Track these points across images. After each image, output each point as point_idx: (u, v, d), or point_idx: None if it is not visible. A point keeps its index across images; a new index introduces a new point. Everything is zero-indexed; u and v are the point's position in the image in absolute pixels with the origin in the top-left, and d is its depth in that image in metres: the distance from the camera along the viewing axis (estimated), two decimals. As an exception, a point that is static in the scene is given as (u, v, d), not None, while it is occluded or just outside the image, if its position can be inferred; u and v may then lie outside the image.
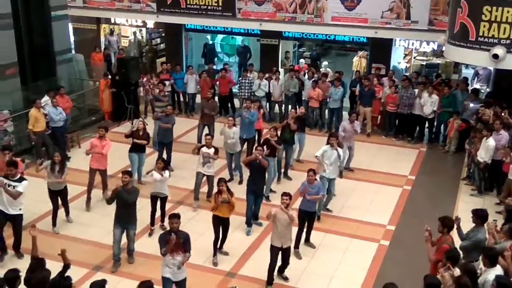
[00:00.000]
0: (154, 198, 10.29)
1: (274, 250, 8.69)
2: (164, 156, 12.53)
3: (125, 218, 9.15)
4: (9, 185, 9.11)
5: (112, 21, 20.74)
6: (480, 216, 7.86)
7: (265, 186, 11.28)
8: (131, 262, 9.48)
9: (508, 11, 12.02)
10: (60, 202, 10.55)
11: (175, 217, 7.85)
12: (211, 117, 14.15)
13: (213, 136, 12.54)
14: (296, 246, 9.71)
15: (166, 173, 10.13)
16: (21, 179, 9.28)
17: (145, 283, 6.57)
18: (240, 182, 12.24)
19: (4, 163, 9.54)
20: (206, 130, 13.88)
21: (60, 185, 10.35)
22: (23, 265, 7.33)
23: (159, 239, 7.80)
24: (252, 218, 10.63)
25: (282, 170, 12.71)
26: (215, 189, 9.71)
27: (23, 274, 6.64)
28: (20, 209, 9.38)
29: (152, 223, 10.40)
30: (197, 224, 10.52)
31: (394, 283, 6.31)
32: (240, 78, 16.74)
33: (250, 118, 12.86)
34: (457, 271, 6.71)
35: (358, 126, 12.77)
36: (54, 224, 10.54)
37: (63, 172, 10.28)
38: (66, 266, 6.99)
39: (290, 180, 12.56)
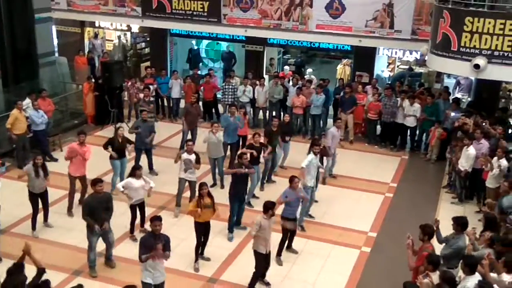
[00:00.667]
0: (134, 206, 10.23)
1: (260, 256, 8.67)
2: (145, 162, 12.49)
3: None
4: None
5: (97, 24, 20.66)
6: (460, 223, 7.97)
7: (249, 194, 11.37)
8: (113, 266, 9.40)
9: (489, 22, 12.21)
10: (40, 205, 10.43)
11: (158, 219, 7.82)
12: (194, 121, 14.10)
13: (195, 141, 12.51)
14: (279, 253, 9.71)
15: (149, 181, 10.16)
16: None
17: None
18: (222, 187, 12.23)
19: None
20: (189, 136, 13.86)
21: (42, 188, 10.25)
22: (1, 269, 7.23)
23: (140, 243, 7.75)
24: (235, 224, 10.61)
25: (266, 176, 12.72)
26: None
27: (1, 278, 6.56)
28: None
29: (132, 230, 10.32)
30: (179, 229, 10.46)
31: None
32: (224, 84, 16.76)
33: (236, 123, 12.87)
34: (435, 277, 6.78)
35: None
36: (33, 227, 10.43)
37: (47, 173, 10.21)
38: (41, 271, 6.85)
39: (274, 182, 12.57)
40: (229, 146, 13.00)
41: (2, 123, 14.01)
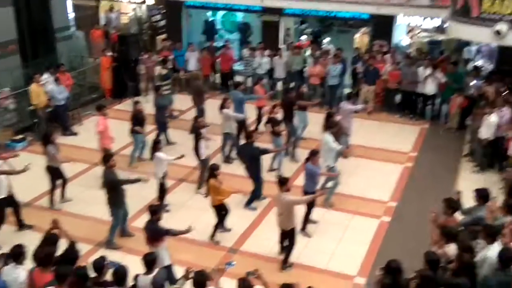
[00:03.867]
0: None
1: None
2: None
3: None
4: None
5: (112, -3, 20.57)
6: (482, 195, 7.88)
7: (277, 162, 11.57)
8: (133, 235, 9.59)
9: (512, -13, 11.87)
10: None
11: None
12: (197, 97, 14.02)
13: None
14: (304, 227, 9.74)
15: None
16: None
17: (150, 254, 6.70)
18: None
19: None
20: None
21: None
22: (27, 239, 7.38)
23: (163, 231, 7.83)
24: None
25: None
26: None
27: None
28: None
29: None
30: (200, 201, 10.56)
31: (397, 260, 6.35)
32: (246, 55, 16.58)
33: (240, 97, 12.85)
34: (451, 248, 6.77)
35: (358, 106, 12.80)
36: (61, 197, 10.70)
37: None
38: (72, 243, 7.04)
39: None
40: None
41: (23, 98, 14.17)
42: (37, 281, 6.41)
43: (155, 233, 7.72)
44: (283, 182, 8.50)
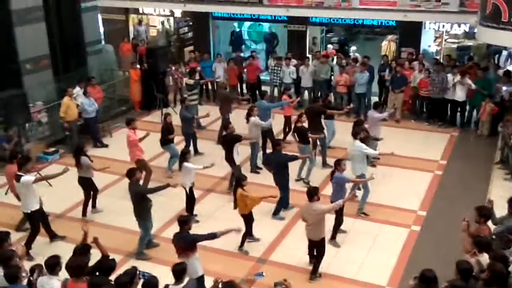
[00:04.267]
0: (191, 188, 10.42)
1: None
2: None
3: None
4: None
5: (140, 11, 20.94)
6: None
7: (306, 172, 11.65)
8: (158, 245, 9.73)
9: (542, -10, 11.67)
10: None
11: None
12: (224, 107, 14.10)
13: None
14: (333, 237, 9.72)
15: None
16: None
17: (179, 264, 6.75)
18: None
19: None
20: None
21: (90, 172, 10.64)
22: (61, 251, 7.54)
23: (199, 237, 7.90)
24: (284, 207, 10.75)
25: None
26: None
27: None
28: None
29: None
30: (228, 211, 10.59)
31: (432, 269, 6.25)
32: (272, 65, 16.69)
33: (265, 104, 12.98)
34: (484, 257, 6.66)
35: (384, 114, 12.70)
36: (92, 207, 10.93)
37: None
38: (105, 257, 7.17)
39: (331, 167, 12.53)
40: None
41: (55, 112, 14.51)
42: (71, 292, 6.52)
43: (187, 243, 7.73)
44: (313, 193, 8.44)
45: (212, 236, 7.88)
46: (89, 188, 10.78)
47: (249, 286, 6.61)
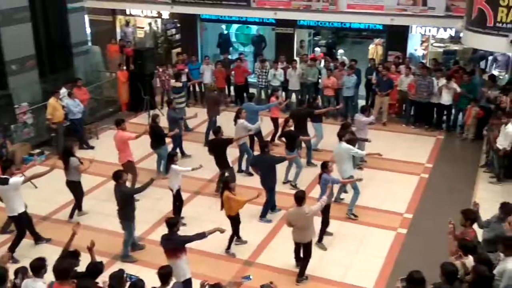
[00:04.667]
0: (179, 191, 10.36)
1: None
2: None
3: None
4: None
5: (128, 12, 20.82)
6: (506, 210, 7.74)
7: (293, 175, 11.72)
8: (144, 247, 9.70)
9: (527, -4, 11.81)
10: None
11: None
12: (212, 109, 14.11)
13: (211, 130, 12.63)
14: (320, 239, 9.72)
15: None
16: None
17: (164, 268, 6.71)
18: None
19: None
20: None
21: (78, 175, 10.53)
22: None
23: (188, 238, 7.87)
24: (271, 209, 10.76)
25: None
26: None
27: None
28: None
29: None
30: (215, 214, 10.54)
31: (420, 271, 6.29)
32: (258, 67, 16.73)
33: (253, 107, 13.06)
34: (469, 260, 6.71)
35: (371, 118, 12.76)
36: (78, 210, 10.82)
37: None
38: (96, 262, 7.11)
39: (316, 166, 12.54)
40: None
41: (40, 113, 14.39)
42: (56, 294, 6.46)
43: (177, 244, 7.72)
44: (301, 198, 8.43)
45: (201, 236, 7.87)
46: (78, 190, 10.68)
47: (236, 289, 6.58)
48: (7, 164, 9.43)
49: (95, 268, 6.77)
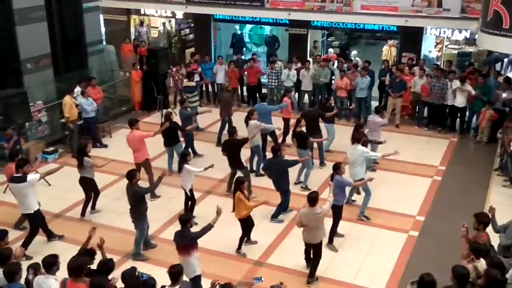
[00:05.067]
0: (192, 190, 10.40)
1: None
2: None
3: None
4: None
5: (142, 12, 20.95)
6: None
7: (303, 176, 11.70)
8: (156, 246, 9.77)
9: (543, -2, 11.69)
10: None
11: None
12: (226, 109, 14.14)
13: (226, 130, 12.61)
14: (331, 240, 9.70)
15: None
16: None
17: (175, 267, 6.72)
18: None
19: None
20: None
21: (92, 172, 10.59)
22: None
23: (199, 234, 7.91)
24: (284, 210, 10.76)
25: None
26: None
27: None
28: None
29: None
30: (226, 214, 10.53)
31: (430, 273, 6.26)
32: (267, 69, 16.79)
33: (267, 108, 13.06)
34: (481, 263, 6.67)
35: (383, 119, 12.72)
36: (91, 208, 10.89)
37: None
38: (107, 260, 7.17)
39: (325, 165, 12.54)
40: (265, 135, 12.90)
41: (54, 111, 14.53)
42: (70, 291, 6.52)
43: (188, 240, 7.79)
44: (314, 199, 8.40)
45: (209, 228, 7.95)
46: (90, 188, 10.76)
47: (247, 289, 6.60)
48: (21, 163, 9.50)
49: (106, 266, 6.82)
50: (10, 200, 10.43)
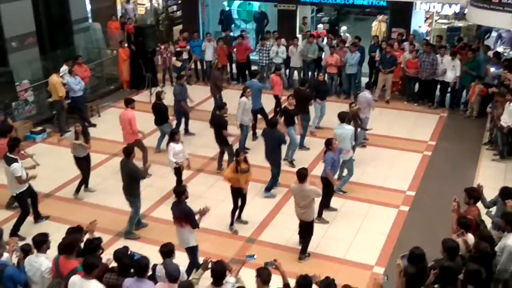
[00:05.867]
0: (176, 169, 10.30)
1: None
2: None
3: None
4: None
5: (128, -12, 20.61)
6: (506, 193, 7.68)
7: (290, 152, 11.60)
8: (146, 225, 9.74)
9: (534, -29, 11.62)
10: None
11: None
12: (216, 86, 14.05)
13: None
14: (320, 214, 9.72)
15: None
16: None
17: (166, 245, 6.71)
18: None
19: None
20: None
21: (84, 151, 10.48)
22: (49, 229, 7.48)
23: (190, 213, 7.86)
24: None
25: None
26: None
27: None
28: None
29: None
30: (217, 191, 10.60)
31: (420, 247, 6.32)
32: (258, 45, 16.62)
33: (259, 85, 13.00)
34: (470, 237, 6.73)
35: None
36: (77, 190, 10.73)
37: (88, 139, 10.49)
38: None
39: (308, 149, 12.51)
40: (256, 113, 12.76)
41: (41, 90, 14.32)
42: (62, 268, 6.49)
43: (181, 213, 7.81)
44: (304, 175, 8.39)
45: (196, 225, 7.87)
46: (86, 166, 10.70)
47: (240, 267, 6.59)
48: (14, 142, 9.34)
49: (91, 245, 6.78)
50: (1, 180, 10.30)
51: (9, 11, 14.05)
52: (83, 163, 10.62)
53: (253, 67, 16.48)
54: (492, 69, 13.62)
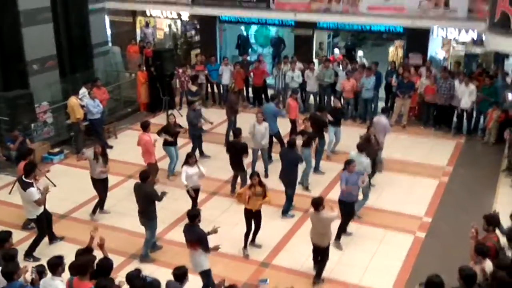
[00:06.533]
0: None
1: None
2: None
3: None
4: None
5: (148, 13, 20.97)
6: None
7: (305, 176, 11.60)
8: (161, 248, 9.69)
9: (551, -2, 11.60)
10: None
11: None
12: (232, 109, 14.10)
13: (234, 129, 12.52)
14: (338, 237, 9.63)
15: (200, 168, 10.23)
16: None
17: (179, 268, 6.67)
18: (266, 176, 12.03)
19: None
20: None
21: (103, 174, 10.54)
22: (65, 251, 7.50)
23: (204, 236, 7.85)
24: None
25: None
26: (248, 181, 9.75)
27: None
28: None
29: None
30: (231, 215, 10.57)
31: (439, 275, 6.19)
32: (274, 69, 16.73)
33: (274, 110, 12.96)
34: (488, 264, 6.59)
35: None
36: (94, 211, 10.78)
37: (107, 161, 10.53)
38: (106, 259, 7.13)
39: (323, 174, 12.45)
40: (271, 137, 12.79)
41: (60, 113, 14.52)
42: (77, 289, 6.48)
43: (193, 237, 7.79)
44: (318, 204, 8.37)
45: (208, 249, 7.86)
46: (101, 189, 10.75)
47: (252, 290, 6.55)
48: (31, 167, 9.43)
49: (105, 265, 6.75)
50: (17, 201, 10.40)
51: (31, 34, 14.34)
52: (101, 185, 10.69)
53: (270, 91, 16.56)
54: (510, 95, 13.50)
